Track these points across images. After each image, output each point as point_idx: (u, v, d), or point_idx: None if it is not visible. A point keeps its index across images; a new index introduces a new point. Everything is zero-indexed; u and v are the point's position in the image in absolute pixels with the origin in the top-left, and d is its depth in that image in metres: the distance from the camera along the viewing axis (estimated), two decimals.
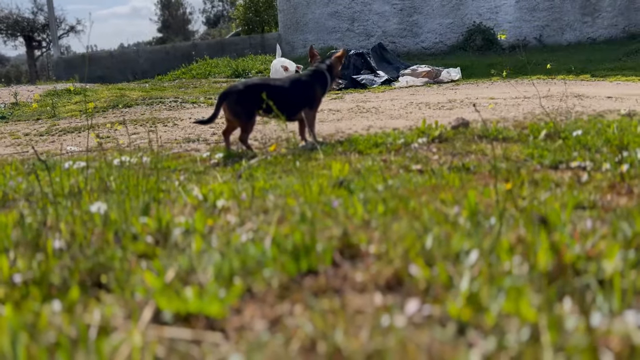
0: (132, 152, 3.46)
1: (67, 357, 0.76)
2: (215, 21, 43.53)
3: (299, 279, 1.23)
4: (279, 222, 1.66)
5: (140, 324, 1.00)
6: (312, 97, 3.75)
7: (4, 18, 34.47)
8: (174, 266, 1.28)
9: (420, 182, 2.18)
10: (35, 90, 12.48)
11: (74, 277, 1.24)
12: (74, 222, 1.65)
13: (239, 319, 1.07)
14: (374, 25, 17.28)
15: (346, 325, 0.99)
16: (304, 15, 17.82)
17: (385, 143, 3.20)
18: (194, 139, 4.46)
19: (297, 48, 17.95)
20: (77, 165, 2.64)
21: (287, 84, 3.75)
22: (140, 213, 1.69)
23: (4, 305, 1.18)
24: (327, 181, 2.24)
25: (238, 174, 2.79)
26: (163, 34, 41.89)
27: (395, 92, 8.39)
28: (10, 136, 5.76)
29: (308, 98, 3.73)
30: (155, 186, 2.27)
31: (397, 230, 1.43)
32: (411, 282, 1.18)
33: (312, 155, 3.12)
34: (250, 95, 3.55)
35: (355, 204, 1.70)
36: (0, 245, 1.46)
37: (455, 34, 17.15)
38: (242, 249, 1.36)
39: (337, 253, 1.36)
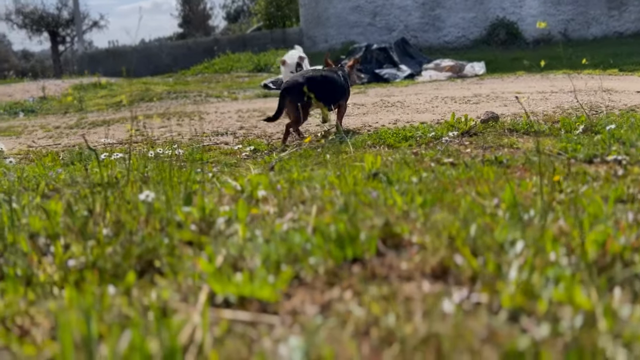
0: (164, 144, 3.52)
1: (138, 333, 0.79)
2: (235, 16, 43.66)
3: (345, 267, 1.26)
4: (318, 213, 1.68)
5: (197, 306, 1.03)
6: (348, 90, 4.07)
7: (29, 14, 35.02)
8: (222, 253, 1.31)
9: (454, 175, 2.19)
10: (62, 85, 12.70)
11: (127, 262, 1.28)
12: (118, 210, 1.70)
13: (290, 304, 1.10)
14: (395, 19, 17.21)
15: (398, 310, 1.01)
16: (325, 10, 17.80)
17: (415, 136, 3.20)
18: (222, 132, 4.51)
19: (319, 43, 17.96)
20: (114, 157, 2.69)
21: (332, 77, 3.90)
22: (182, 203, 1.73)
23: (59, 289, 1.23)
24: (360, 173, 2.26)
25: (270, 166, 2.82)
26: (184, 29, 42.15)
27: (419, 87, 8.36)
28: (41, 129, 5.88)
29: (345, 91, 4.03)
30: (190, 177, 2.32)
31: (439, 220, 1.45)
32: (457, 271, 1.19)
33: (341, 148, 3.14)
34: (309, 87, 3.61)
35: (394, 195, 1.72)
36: (52, 231, 1.51)
37: (478, 28, 17.00)
38: (286, 237, 1.39)
39: (380, 242, 1.38)
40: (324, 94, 2.54)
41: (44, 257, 1.42)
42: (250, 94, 9.03)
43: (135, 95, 8.79)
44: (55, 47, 34.68)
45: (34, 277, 1.26)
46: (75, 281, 1.25)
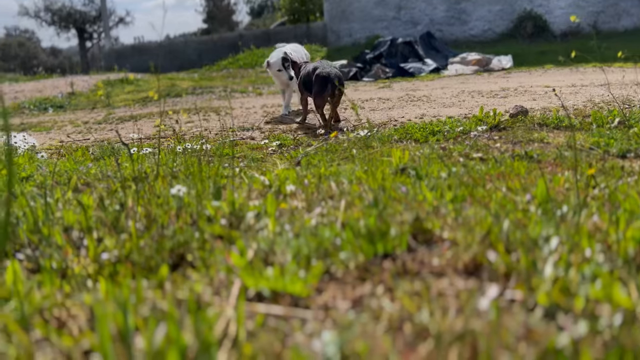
0: (192, 139, 3.55)
1: (174, 326, 0.80)
2: (259, 11, 43.75)
3: (376, 262, 1.25)
4: (346, 208, 1.68)
5: (230, 300, 1.04)
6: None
7: (57, 11, 35.66)
8: (253, 247, 1.32)
9: (484, 170, 2.16)
10: (89, 81, 12.90)
11: (160, 255, 1.29)
12: (149, 204, 1.72)
13: (322, 299, 1.10)
14: (420, 13, 17.05)
15: (431, 307, 1.00)
16: (350, 4, 17.73)
17: (442, 131, 3.17)
18: (248, 127, 4.53)
19: (343, 37, 17.90)
20: (143, 152, 2.72)
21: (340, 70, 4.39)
22: (212, 197, 1.74)
23: (93, 281, 1.25)
24: (387, 168, 2.25)
25: (296, 160, 2.83)
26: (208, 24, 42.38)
27: (444, 81, 8.27)
28: (70, 124, 5.98)
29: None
30: (218, 172, 2.33)
31: (471, 216, 1.43)
32: (490, 267, 1.18)
33: (368, 142, 3.13)
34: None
35: (423, 190, 1.70)
36: (85, 225, 1.53)
37: (504, 21, 16.75)
38: (316, 231, 1.39)
39: (410, 238, 1.37)
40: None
41: (77, 250, 1.44)
42: (275, 89, 9.04)
43: (162, 90, 8.89)
44: (83, 44, 35.25)
45: (69, 270, 1.28)
46: (109, 274, 1.27)
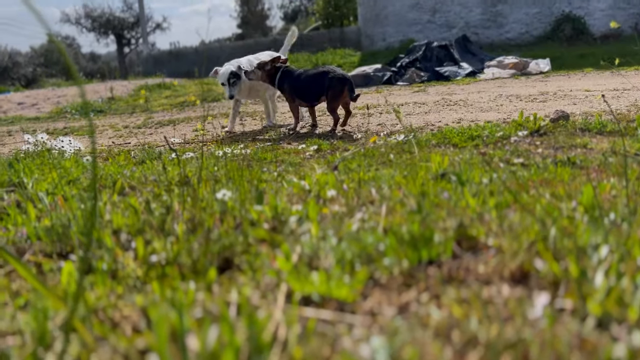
0: (230, 144, 3.60)
1: (228, 328, 0.82)
2: (292, 16, 44.03)
3: (420, 269, 1.25)
4: (387, 213, 1.68)
5: (278, 303, 1.05)
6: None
7: (97, 17, 36.63)
8: (297, 251, 1.33)
9: (526, 176, 2.13)
10: (128, 85, 13.20)
11: (206, 258, 1.31)
12: (193, 208, 1.75)
13: (367, 304, 1.10)
14: (456, 16, 16.90)
15: (480, 314, 1.00)
16: (384, 8, 17.69)
17: (482, 136, 3.14)
18: (284, 132, 4.56)
19: (377, 41, 17.87)
20: (185, 156, 2.77)
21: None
22: (255, 201, 1.76)
23: (141, 283, 1.28)
24: (427, 173, 2.24)
25: (334, 165, 2.83)
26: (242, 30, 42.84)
27: (481, 84, 8.18)
28: (110, 128, 6.13)
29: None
30: (257, 176, 2.36)
31: (516, 223, 1.41)
32: (538, 275, 1.16)
33: (405, 148, 3.12)
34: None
35: (466, 196, 1.69)
36: (133, 228, 1.57)
37: (542, 23, 16.46)
38: (358, 237, 1.39)
39: (454, 244, 1.36)
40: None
41: (126, 252, 1.48)
42: None
43: (198, 95, 9.03)
44: (121, 49, 36.12)
45: (119, 272, 1.32)
46: (157, 276, 1.30)
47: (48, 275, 1.35)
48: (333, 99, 4.28)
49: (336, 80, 4.24)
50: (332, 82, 4.24)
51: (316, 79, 4.35)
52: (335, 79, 4.25)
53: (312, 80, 4.37)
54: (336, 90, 4.23)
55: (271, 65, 4.59)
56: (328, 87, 4.26)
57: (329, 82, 4.25)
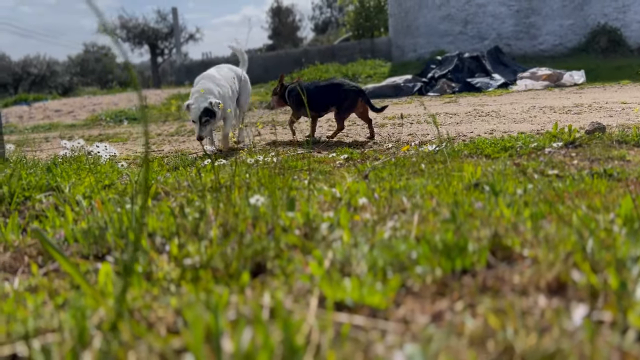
0: (261, 151, 3.63)
1: (263, 329, 0.82)
2: (323, 28, 44.32)
3: (454, 278, 1.24)
4: (419, 222, 1.67)
5: (311, 308, 1.05)
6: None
7: (132, 28, 37.51)
8: (329, 257, 1.33)
9: (562, 188, 2.09)
10: (161, 94, 13.46)
11: (239, 262, 1.33)
12: (226, 213, 1.77)
13: (400, 312, 1.10)
14: (488, 27, 16.77)
15: (515, 324, 0.98)
16: (415, 19, 17.68)
17: (515, 147, 3.10)
18: (314, 141, 4.58)
19: (408, 52, 17.84)
20: (217, 163, 2.81)
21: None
22: (286, 208, 1.77)
23: (175, 285, 1.30)
24: (459, 183, 2.22)
25: (364, 174, 2.83)
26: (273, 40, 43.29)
27: (513, 96, 8.08)
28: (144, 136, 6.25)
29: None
30: (288, 183, 2.37)
31: (552, 234, 1.39)
32: (575, 287, 1.14)
33: (437, 158, 3.10)
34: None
35: (500, 206, 1.67)
36: (168, 232, 1.60)
37: (576, 35, 16.20)
38: (391, 244, 1.39)
39: (489, 254, 1.34)
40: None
41: (160, 255, 1.51)
42: None
43: None
44: (154, 59, 36.87)
45: (153, 274, 1.34)
46: (191, 279, 1.31)
47: (85, 276, 1.38)
48: (347, 110, 4.51)
49: (351, 92, 4.45)
50: (348, 94, 4.45)
51: (329, 90, 4.56)
52: (350, 91, 4.46)
53: (325, 91, 4.56)
54: (351, 102, 4.46)
55: (280, 86, 4.77)
56: (344, 99, 4.47)
57: (344, 94, 4.46)
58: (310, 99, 4.46)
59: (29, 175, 2.42)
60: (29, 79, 35.22)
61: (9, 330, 1.00)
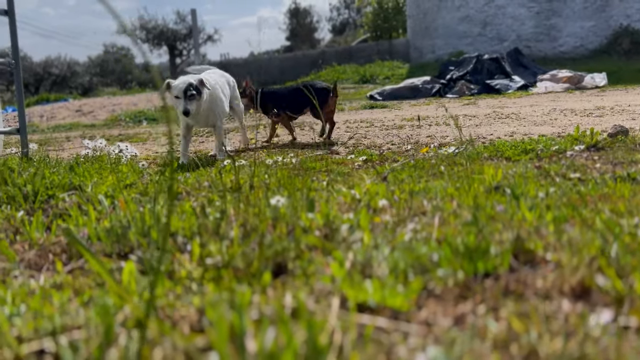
0: (280, 152, 3.64)
1: (286, 329, 0.83)
2: (341, 29, 44.32)
3: (476, 281, 1.23)
4: (440, 224, 1.66)
5: (333, 309, 1.06)
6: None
7: (151, 29, 37.89)
8: (349, 259, 1.34)
9: (584, 191, 2.07)
10: None
11: (261, 262, 1.33)
12: (246, 213, 1.78)
13: (422, 314, 1.09)
14: (507, 29, 16.63)
15: (539, 328, 0.97)
16: (433, 20, 17.59)
17: (536, 150, 3.07)
18: (332, 142, 4.58)
19: (426, 53, 17.76)
20: (237, 164, 2.82)
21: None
22: (306, 209, 1.78)
23: (197, 284, 1.31)
24: (480, 186, 2.20)
25: (383, 176, 2.83)
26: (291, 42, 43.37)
27: (533, 98, 8.00)
28: (164, 136, 6.31)
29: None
30: (307, 184, 2.38)
31: (576, 238, 1.38)
32: (599, 291, 1.13)
33: (456, 160, 3.08)
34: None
35: (522, 210, 1.66)
36: (189, 232, 1.61)
37: (598, 37, 16.00)
38: (412, 246, 1.38)
39: (511, 258, 1.33)
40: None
41: (182, 254, 1.52)
42: (357, 105, 9.11)
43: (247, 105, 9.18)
44: (173, 60, 37.20)
45: (176, 273, 1.35)
46: (213, 278, 1.32)
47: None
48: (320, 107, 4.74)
49: (323, 90, 4.78)
50: (320, 92, 4.73)
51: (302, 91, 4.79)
52: (322, 89, 4.79)
53: (299, 93, 4.80)
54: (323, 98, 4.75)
55: (249, 88, 5.05)
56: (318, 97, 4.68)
57: (316, 92, 4.65)
58: (287, 101, 4.74)
59: (52, 174, 2.45)
60: (50, 79, 35.74)
61: (36, 326, 1.02)
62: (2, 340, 0.94)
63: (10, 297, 1.19)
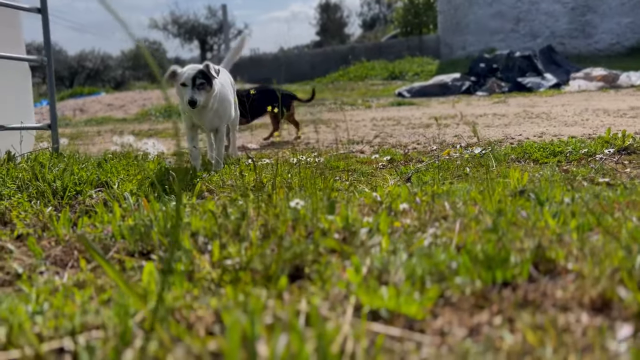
0: (304, 151, 3.65)
1: (297, 337, 0.83)
2: (371, 24, 44.10)
3: (494, 290, 1.21)
4: (461, 230, 1.65)
5: (346, 316, 1.06)
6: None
7: (183, 24, 38.32)
8: (366, 264, 1.33)
9: (612, 197, 2.02)
10: None
11: (278, 265, 1.34)
12: (266, 214, 1.79)
13: (437, 323, 1.09)
14: (541, 25, 16.30)
15: (555, 342, 0.96)
16: (465, 16, 17.36)
17: (565, 152, 3.01)
18: (357, 141, 4.58)
19: (456, 50, 17.55)
20: (260, 163, 2.84)
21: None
22: (326, 211, 1.78)
23: (215, 286, 1.33)
24: (504, 190, 2.17)
25: (407, 177, 2.81)
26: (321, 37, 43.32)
27: (565, 97, 7.83)
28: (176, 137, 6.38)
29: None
30: (329, 185, 2.38)
31: (599, 247, 1.35)
32: (621, 304, 1.10)
33: (482, 161, 3.04)
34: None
35: (545, 216, 1.63)
36: (210, 232, 1.63)
37: (635, 34, 15.56)
38: (430, 253, 1.37)
39: (531, 267, 1.31)
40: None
41: (202, 255, 1.54)
42: (384, 102, 9.06)
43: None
44: (204, 55, 37.55)
45: (195, 274, 1.37)
46: (231, 280, 1.34)
47: (129, 273, 1.42)
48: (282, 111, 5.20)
49: (286, 96, 5.23)
50: (283, 98, 5.09)
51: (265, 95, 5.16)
52: (285, 95, 5.23)
53: (261, 97, 5.06)
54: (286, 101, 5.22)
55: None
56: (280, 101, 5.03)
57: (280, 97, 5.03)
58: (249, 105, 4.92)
59: (81, 170, 2.51)
60: (83, 73, 36.50)
61: (57, 324, 1.04)
62: (24, 338, 0.97)
63: (34, 294, 1.23)
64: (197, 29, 37.96)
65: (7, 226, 1.98)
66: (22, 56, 3.05)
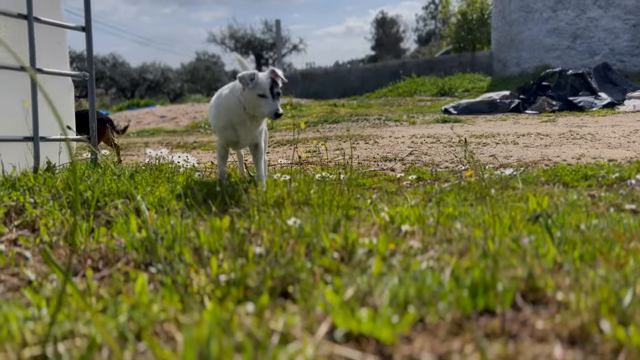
0: (334, 167, 3.68)
1: (249, 358, 0.86)
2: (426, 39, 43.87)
3: (474, 317, 1.21)
4: (461, 254, 1.63)
5: (316, 337, 1.08)
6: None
7: (240, 38, 39.28)
8: (353, 286, 1.35)
9: (632, 225, 1.95)
10: None
11: (266, 283, 1.38)
12: (274, 231, 1.83)
13: (409, 348, 1.09)
14: (599, 42, 15.78)
15: None
16: (519, 32, 17.02)
17: (597, 176, 2.92)
18: (391, 158, 4.57)
19: (510, 66, 17.21)
20: (283, 178, 2.89)
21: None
22: (330, 229, 1.80)
23: (208, 300, 1.37)
24: (521, 214, 2.13)
25: (429, 197, 2.80)
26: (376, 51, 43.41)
27: (618, 117, 7.55)
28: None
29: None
30: (349, 203, 2.40)
31: (590, 278, 1.31)
32: (600, 338, 1.07)
33: (509, 183, 2.99)
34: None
35: (548, 244, 1.60)
36: (213, 247, 1.69)
37: None
38: (419, 277, 1.38)
39: (519, 295, 1.29)
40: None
41: (204, 268, 1.59)
42: (429, 119, 8.99)
43: (320, 116, 9.31)
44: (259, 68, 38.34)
45: (189, 287, 1.42)
46: (222, 295, 1.38)
47: (130, 284, 1.49)
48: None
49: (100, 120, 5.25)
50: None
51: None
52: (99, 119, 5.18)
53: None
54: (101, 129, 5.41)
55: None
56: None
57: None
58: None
59: (112, 181, 2.63)
60: (144, 84, 37.94)
61: (45, 332, 1.11)
62: (10, 343, 1.04)
63: (36, 301, 1.31)
64: (253, 43, 38.85)
65: (34, 232, 2.10)
66: (66, 72, 3.23)
